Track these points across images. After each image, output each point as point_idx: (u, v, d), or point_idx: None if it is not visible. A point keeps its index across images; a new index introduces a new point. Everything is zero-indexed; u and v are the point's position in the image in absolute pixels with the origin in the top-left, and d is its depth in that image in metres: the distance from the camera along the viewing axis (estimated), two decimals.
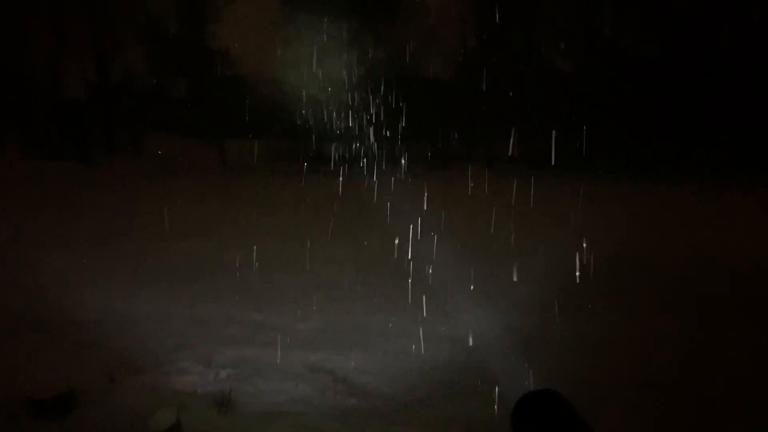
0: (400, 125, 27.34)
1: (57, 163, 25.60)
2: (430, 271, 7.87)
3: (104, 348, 5.25)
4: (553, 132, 29.46)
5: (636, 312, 6.49)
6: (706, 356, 5.19)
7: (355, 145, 30.41)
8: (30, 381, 4.55)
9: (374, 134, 28.83)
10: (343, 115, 29.23)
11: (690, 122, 26.80)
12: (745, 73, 25.92)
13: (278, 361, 5.04)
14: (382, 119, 27.11)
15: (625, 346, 5.43)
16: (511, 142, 30.81)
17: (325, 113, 29.73)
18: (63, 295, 6.82)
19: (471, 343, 5.50)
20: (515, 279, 7.80)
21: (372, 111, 26.89)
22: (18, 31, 32.00)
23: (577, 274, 7.82)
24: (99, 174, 24.45)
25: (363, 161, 23.31)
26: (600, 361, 5.06)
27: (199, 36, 35.51)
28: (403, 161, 19.38)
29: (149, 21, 34.93)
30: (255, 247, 9.68)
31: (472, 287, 7.30)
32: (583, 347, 5.38)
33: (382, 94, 26.57)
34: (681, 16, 28.43)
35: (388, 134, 27.36)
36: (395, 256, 8.58)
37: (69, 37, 33.53)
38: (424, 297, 6.92)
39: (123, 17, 34.69)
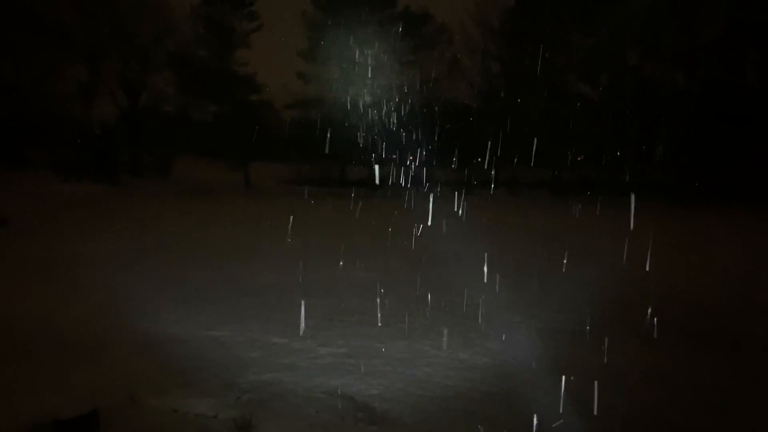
0: (424, 150, 27.35)
1: (86, 185, 26.12)
2: (454, 296, 7.80)
3: (127, 368, 5.27)
4: (577, 158, 29.24)
5: (670, 346, 6.35)
6: (740, 402, 5.04)
7: (380, 169, 30.52)
8: (53, 400, 4.58)
9: (398, 158, 28.86)
10: (367, 139, 29.40)
11: (718, 150, 26.47)
12: None
13: (299, 385, 5.01)
14: (405, 144, 27.21)
15: (654, 382, 5.29)
16: (534, 167, 30.63)
17: (349, 138, 29.95)
18: (87, 315, 6.89)
19: (495, 372, 5.42)
20: (540, 305, 7.70)
21: (396, 136, 27.02)
22: (51, 58, 32.94)
23: (599, 301, 7.70)
24: (127, 196, 24.86)
25: (387, 185, 23.34)
26: (627, 395, 4.94)
27: (226, 61, 36.20)
28: (427, 185, 19.35)
29: (177, 47, 35.70)
30: (278, 270, 9.73)
31: (497, 313, 7.22)
32: (615, 380, 5.26)
33: (406, 119, 26.73)
34: (708, 45, 28.26)
35: (411, 158, 27.39)
36: (419, 280, 8.53)
37: (100, 62, 34.42)
38: (447, 323, 6.85)
39: (152, 43, 35.53)
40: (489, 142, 27.15)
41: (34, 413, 4.26)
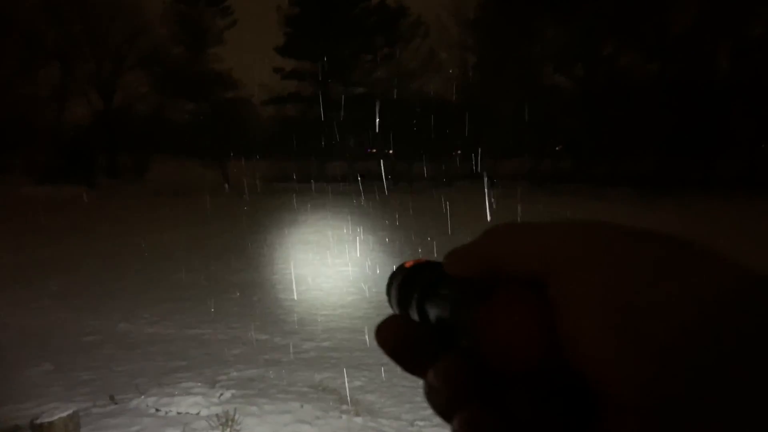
0: (403, 144, 27.34)
1: (62, 188, 25.73)
2: None
3: (107, 369, 5.20)
4: (554, 149, 29.52)
5: None
6: None
7: (359, 165, 30.47)
8: (31, 404, 4.50)
9: (378, 153, 28.87)
10: (345, 135, 29.33)
11: (692, 138, 26.84)
12: (746, 89, 26.00)
13: (283, 381, 4.98)
14: (383, 138, 27.20)
15: None
16: (512, 158, 30.83)
17: (327, 133, 29.86)
18: (65, 318, 6.79)
19: None
20: None
21: (374, 130, 27.01)
22: (23, 59, 32.38)
23: None
24: (103, 198, 24.55)
25: (367, 180, 23.35)
26: None
27: (200, 59, 35.87)
28: (407, 179, 19.50)
29: (151, 46, 35.29)
30: (259, 267, 9.68)
31: None
32: None
33: (383, 113, 26.72)
34: (679, 34, 28.60)
35: (391, 152, 27.38)
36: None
37: (72, 63, 33.90)
38: None
39: (125, 43, 35.09)
40: (467, 135, 27.28)
41: (11, 418, 4.18)
